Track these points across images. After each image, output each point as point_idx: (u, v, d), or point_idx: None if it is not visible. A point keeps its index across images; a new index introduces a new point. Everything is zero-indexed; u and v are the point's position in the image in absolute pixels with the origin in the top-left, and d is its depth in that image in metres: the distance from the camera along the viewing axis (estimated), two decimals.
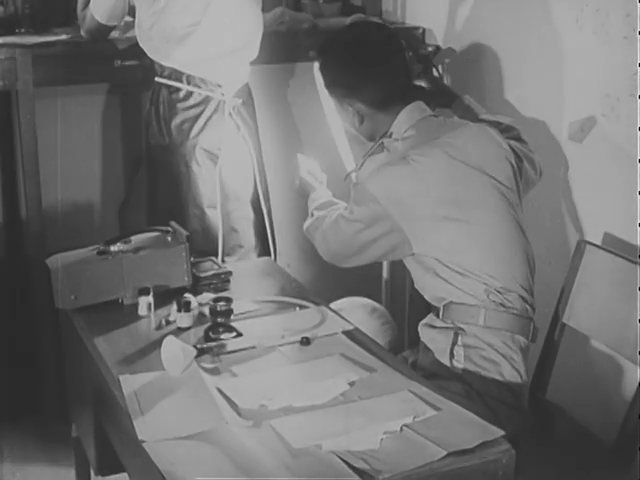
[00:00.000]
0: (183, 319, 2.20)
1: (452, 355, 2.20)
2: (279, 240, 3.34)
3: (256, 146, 3.11)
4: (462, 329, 2.20)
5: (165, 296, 2.32)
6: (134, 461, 1.88)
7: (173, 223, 2.48)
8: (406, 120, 2.29)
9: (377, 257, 2.33)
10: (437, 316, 2.25)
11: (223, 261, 2.90)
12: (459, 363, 2.19)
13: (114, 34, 3.05)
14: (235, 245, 3.07)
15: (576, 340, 2.55)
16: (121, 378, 1.95)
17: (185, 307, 2.21)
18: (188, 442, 1.70)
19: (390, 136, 2.30)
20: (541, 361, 2.46)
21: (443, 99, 2.60)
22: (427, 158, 2.19)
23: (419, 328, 2.31)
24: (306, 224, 2.50)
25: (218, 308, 2.23)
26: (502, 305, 2.19)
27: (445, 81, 3.25)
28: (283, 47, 3.27)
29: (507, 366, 2.19)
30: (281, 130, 3.35)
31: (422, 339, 2.30)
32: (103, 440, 2.21)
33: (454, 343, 2.20)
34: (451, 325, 2.21)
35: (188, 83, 2.90)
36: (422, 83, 2.58)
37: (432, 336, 2.25)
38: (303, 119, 3.34)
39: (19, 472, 2.97)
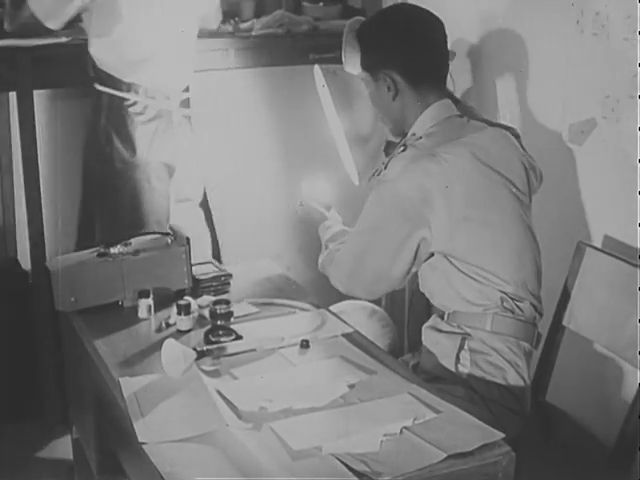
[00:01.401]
0: (183, 322, 2.20)
1: (458, 359, 2.19)
2: (280, 243, 3.35)
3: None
4: (469, 334, 2.19)
5: (165, 299, 2.32)
6: (134, 463, 1.88)
7: (173, 225, 2.48)
8: (432, 117, 2.26)
9: (405, 265, 2.18)
10: (441, 318, 2.25)
11: None
12: (465, 368, 2.18)
13: None
14: None
15: (576, 343, 2.55)
16: (121, 380, 1.95)
17: (185, 310, 2.21)
18: (188, 444, 1.70)
19: (413, 135, 2.27)
20: (541, 363, 2.46)
21: None
22: (454, 156, 2.16)
23: (422, 331, 2.30)
24: (320, 259, 2.41)
25: (218, 311, 2.23)
26: (511, 312, 2.19)
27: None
28: (283, 50, 3.27)
29: (512, 372, 2.19)
30: (281, 133, 3.36)
31: (425, 342, 2.28)
32: (103, 442, 2.21)
33: (461, 347, 2.18)
34: (457, 329, 2.21)
35: (136, 93, 2.90)
36: None
37: (437, 339, 2.24)
38: (303, 122, 3.35)
39: (19, 474, 2.97)
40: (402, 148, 2.22)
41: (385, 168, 2.23)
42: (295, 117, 3.35)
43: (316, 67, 2.72)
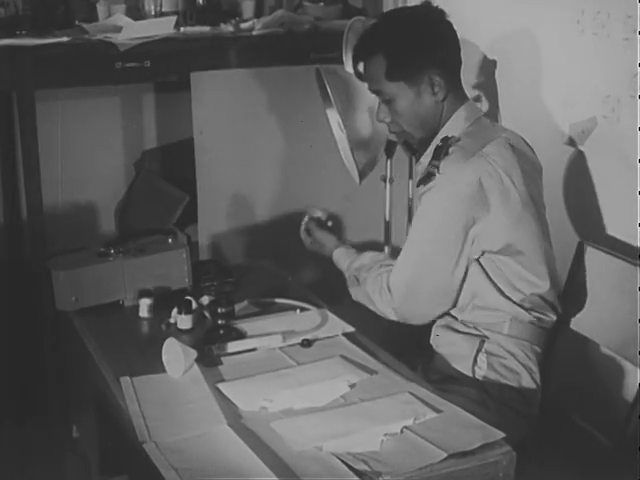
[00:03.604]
0: (184, 321, 2.21)
1: (475, 362, 2.17)
2: (281, 242, 3.34)
3: None
4: (486, 336, 2.18)
5: (166, 298, 2.32)
6: (134, 463, 1.87)
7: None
8: (466, 117, 2.23)
9: (460, 276, 2.14)
10: (455, 318, 2.21)
11: None
12: (481, 370, 2.17)
13: (115, 36, 3.04)
14: None
15: (576, 342, 2.55)
16: (122, 380, 1.95)
17: (186, 309, 2.21)
18: (188, 443, 1.70)
19: (448, 137, 2.20)
20: (542, 363, 2.45)
21: None
22: (500, 157, 2.13)
23: (434, 329, 2.27)
24: (354, 292, 2.31)
25: (219, 310, 2.24)
26: (538, 319, 2.19)
27: None
28: (283, 50, 3.27)
29: (526, 376, 2.19)
30: (282, 133, 3.35)
31: (437, 341, 2.25)
32: (104, 441, 2.21)
33: (479, 350, 2.17)
34: (475, 331, 2.19)
35: None
36: None
37: (452, 340, 2.21)
38: (304, 122, 3.35)
39: (20, 473, 2.97)
40: (446, 151, 2.14)
41: (438, 172, 2.13)
42: (296, 117, 3.34)
43: (317, 67, 2.72)
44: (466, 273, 2.15)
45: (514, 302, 2.17)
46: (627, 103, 2.46)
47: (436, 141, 2.22)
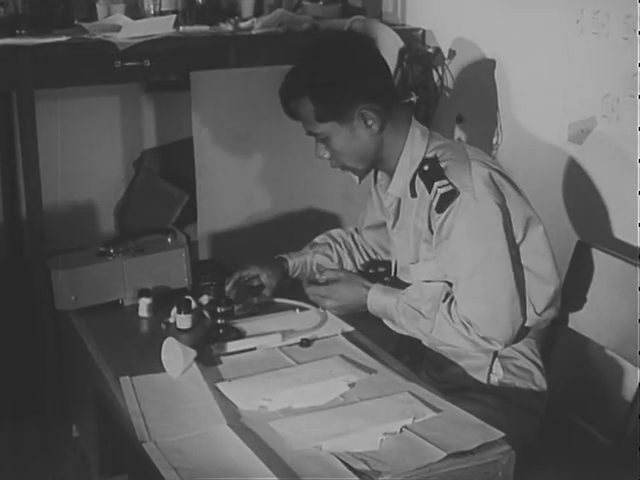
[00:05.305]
0: (183, 320, 2.20)
1: (490, 370, 2.16)
2: (279, 242, 3.34)
3: None
4: None
5: (165, 298, 2.32)
6: (134, 462, 1.88)
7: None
8: (422, 134, 2.17)
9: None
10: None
11: None
12: (497, 376, 2.16)
13: (114, 35, 3.04)
14: None
15: (576, 342, 2.55)
16: (121, 379, 1.95)
17: (185, 309, 2.21)
18: (188, 443, 1.70)
19: (433, 158, 2.12)
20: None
21: None
22: (484, 157, 2.13)
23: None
24: (426, 328, 2.09)
25: (218, 310, 2.23)
26: (549, 319, 2.20)
27: (445, 82, 3.26)
28: (283, 49, 3.27)
29: (537, 373, 2.19)
30: (281, 133, 3.36)
31: (448, 352, 2.21)
32: (103, 441, 2.21)
33: (494, 358, 2.15)
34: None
35: None
36: None
37: (462, 352, 2.15)
38: None
39: (19, 472, 2.97)
40: (442, 168, 2.07)
41: (456, 187, 2.03)
42: None
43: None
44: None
45: (535, 312, 2.15)
46: (626, 102, 2.46)
47: (404, 166, 2.16)
